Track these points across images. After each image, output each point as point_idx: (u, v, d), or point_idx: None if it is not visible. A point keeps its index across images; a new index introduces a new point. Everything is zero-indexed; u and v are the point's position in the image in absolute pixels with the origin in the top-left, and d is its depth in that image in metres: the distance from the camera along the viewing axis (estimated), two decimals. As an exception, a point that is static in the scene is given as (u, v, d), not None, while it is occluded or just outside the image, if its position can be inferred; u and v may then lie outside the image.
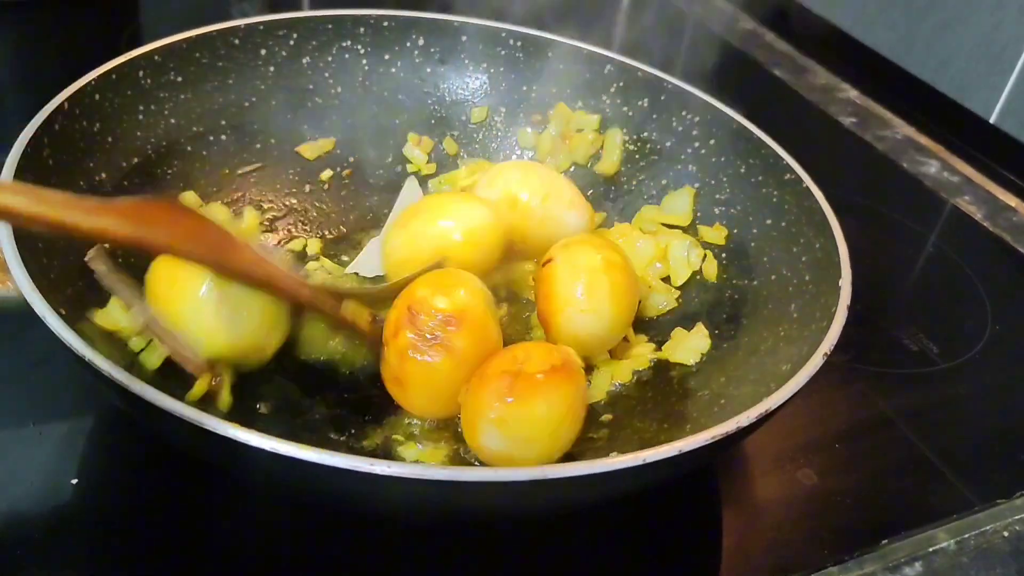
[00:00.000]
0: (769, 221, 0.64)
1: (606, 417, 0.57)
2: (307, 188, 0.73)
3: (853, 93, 1.11)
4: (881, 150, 1.00)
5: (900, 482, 0.61)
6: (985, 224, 0.90)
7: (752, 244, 0.64)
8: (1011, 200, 0.94)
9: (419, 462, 0.53)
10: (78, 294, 0.52)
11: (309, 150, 0.74)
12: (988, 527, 0.58)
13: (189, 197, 0.66)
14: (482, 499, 0.43)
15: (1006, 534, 0.58)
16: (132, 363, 0.51)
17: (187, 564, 0.50)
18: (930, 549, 0.56)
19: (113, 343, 0.52)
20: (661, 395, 0.58)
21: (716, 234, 0.66)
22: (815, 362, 0.48)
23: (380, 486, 0.40)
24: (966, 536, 0.57)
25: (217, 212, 0.67)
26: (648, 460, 0.41)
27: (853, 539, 0.56)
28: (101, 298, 0.53)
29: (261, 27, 0.71)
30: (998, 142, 0.97)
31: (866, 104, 1.09)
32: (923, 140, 1.03)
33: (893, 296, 0.80)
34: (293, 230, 0.71)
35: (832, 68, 1.15)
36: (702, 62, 1.15)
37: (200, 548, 0.51)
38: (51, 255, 0.52)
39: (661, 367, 0.61)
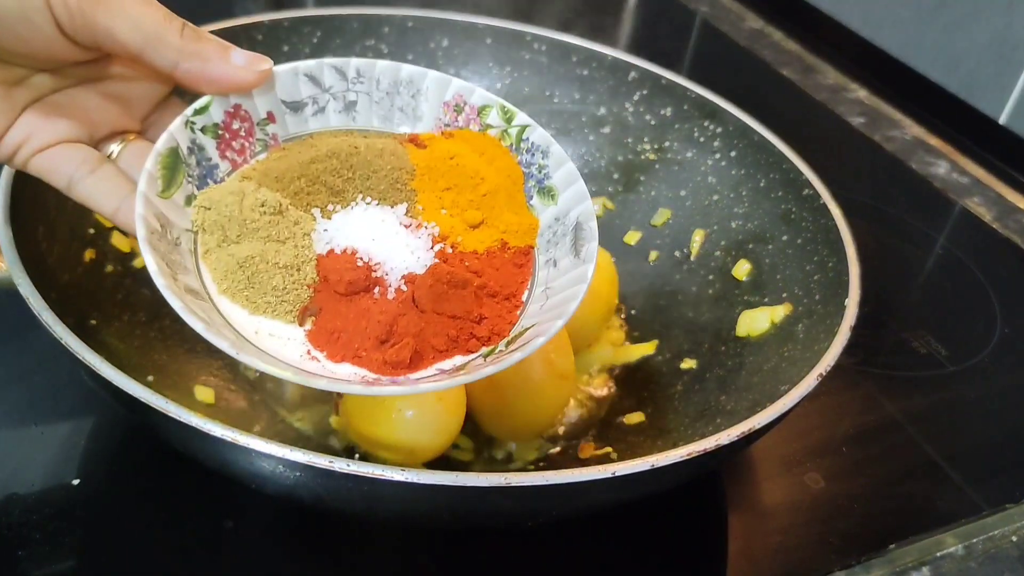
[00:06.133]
0: (785, 238, 0.63)
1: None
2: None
3: (862, 93, 1.11)
4: (890, 150, 0.99)
5: (908, 486, 0.60)
6: (994, 226, 0.89)
7: (767, 261, 0.63)
8: (1021, 202, 0.93)
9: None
10: (75, 280, 0.52)
11: None
12: (997, 531, 0.57)
13: None
14: (444, 503, 0.42)
15: (1015, 539, 0.57)
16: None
17: (189, 565, 0.50)
18: (938, 554, 0.55)
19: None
20: (660, 410, 0.58)
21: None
22: (808, 383, 0.47)
23: (340, 483, 0.40)
24: (974, 540, 0.57)
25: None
26: (618, 473, 0.40)
27: (860, 543, 0.55)
28: (101, 286, 0.53)
29: (286, 23, 0.71)
30: (1008, 143, 0.96)
31: (875, 104, 1.08)
32: (932, 141, 1.02)
33: (901, 298, 0.79)
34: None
35: (841, 68, 1.15)
36: (709, 61, 1.15)
37: (202, 549, 0.50)
38: (51, 239, 0.52)
39: (671, 372, 0.61)
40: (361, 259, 0.42)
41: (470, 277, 0.43)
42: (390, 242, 0.43)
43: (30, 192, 0.51)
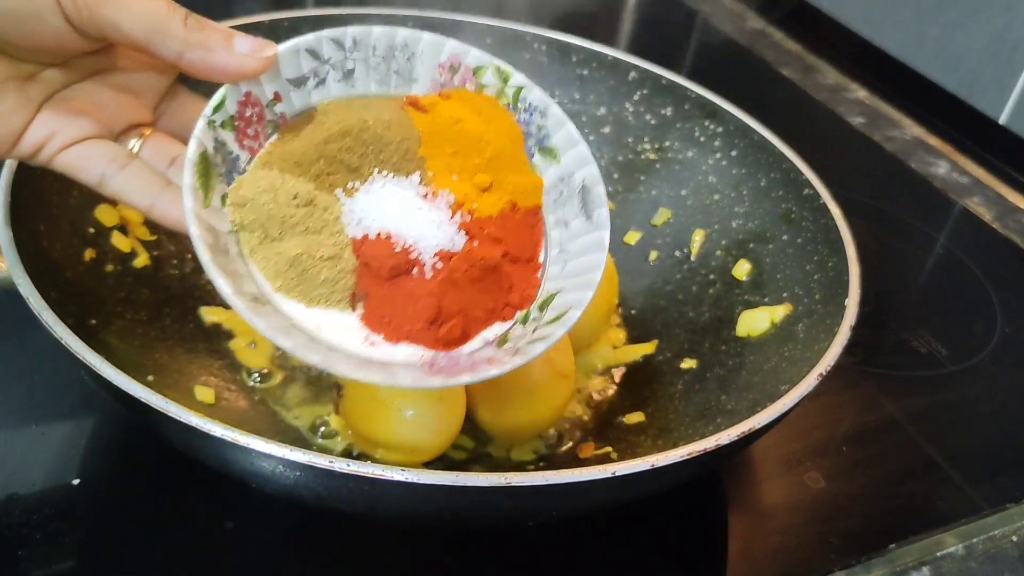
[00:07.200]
0: (786, 237, 0.63)
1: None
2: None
3: (862, 93, 1.11)
4: (890, 150, 0.99)
5: (908, 486, 0.60)
6: (994, 226, 0.89)
7: (767, 260, 0.63)
8: (1021, 202, 0.93)
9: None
10: (75, 280, 0.52)
11: None
12: (997, 531, 0.57)
13: None
14: (444, 503, 0.42)
15: (1015, 539, 0.57)
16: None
17: (190, 565, 0.50)
18: (938, 554, 0.55)
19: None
20: (660, 409, 0.58)
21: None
22: (808, 383, 0.47)
23: (340, 483, 0.40)
24: (975, 540, 0.57)
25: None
26: (618, 473, 0.40)
27: (860, 543, 0.55)
28: (101, 285, 0.53)
29: (286, 23, 0.71)
30: (1008, 143, 0.96)
31: (875, 104, 1.08)
32: (932, 141, 1.02)
33: (901, 298, 0.79)
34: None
35: (841, 68, 1.15)
36: (709, 61, 1.15)
37: (203, 549, 0.50)
38: (51, 239, 0.52)
39: (671, 372, 0.61)
40: (396, 243, 0.44)
41: (500, 258, 0.45)
42: (416, 219, 0.44)
43: (30, 191, 0.51)
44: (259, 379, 0.58)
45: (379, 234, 0.44)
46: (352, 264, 0.43)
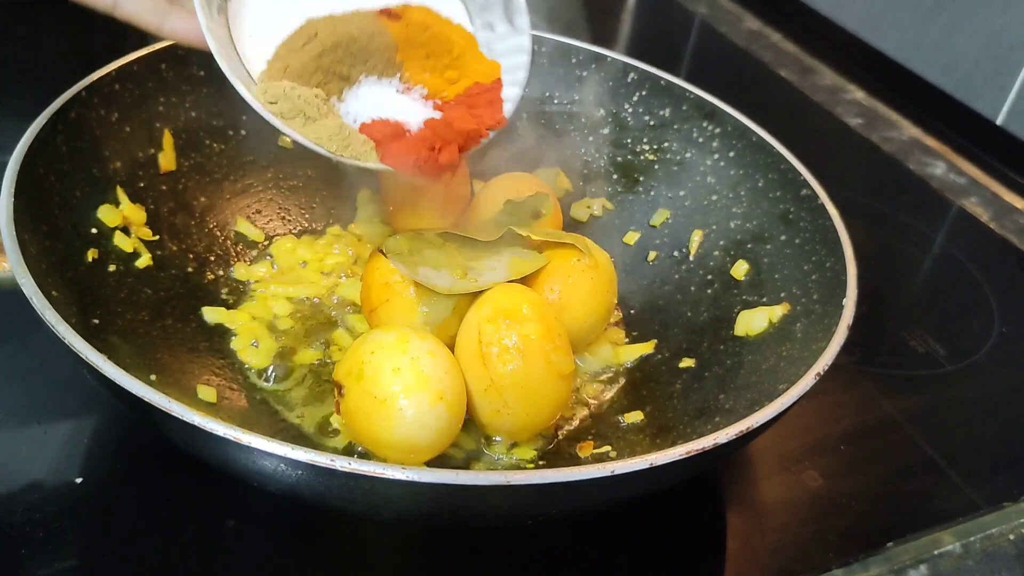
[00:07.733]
0: (784, 237, 0.63)
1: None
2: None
3: (860, 94, 1.11)
4: (887, 151, 1.00)
5: (906, 484, 0.61)
6: (991, 226, 0.89)
7: (765, 261, 0.63)
8: (1018, 202, 0.94)
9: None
10: (78, 280, 0.53)
11: None
12: (994, 530, 0.58)
13: None
14: (444, 502, 0.42)
15: (1012, 537, 0.57)
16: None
17: (191, 564, 0.50)
18: (936, 552, 0.56)
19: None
20: (659, 408, 0.58)
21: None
22: (805, 382, 0.48)
23: (341, 482, 0.40)
24: (972, 539, 0.57)
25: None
26: (617, 472, 0.40)
27: (858, 542, 0.55)
28: (103, 285, 0.54)
29: None
30: (1005, 144, 0.96)
31: (872, 105, 1.09)
32: (930, 141, 1.02)
33: (899, 298, 0.79)
34: (312, 224, 0.71)
35: (839, 69, 1.15)
36: (708, 62, 1.16)
37: (204, 548, 0.51)
38: (54, 239, 0.52)
39: (670, 371, 0.61)
40: (388, 121, 0.54)
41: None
42: (399, 106, 0.55)
43: (34, 192, 0.52)
44: (261, 379, 0.58)
45: (373, 119, 0.54)
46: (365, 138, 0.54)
